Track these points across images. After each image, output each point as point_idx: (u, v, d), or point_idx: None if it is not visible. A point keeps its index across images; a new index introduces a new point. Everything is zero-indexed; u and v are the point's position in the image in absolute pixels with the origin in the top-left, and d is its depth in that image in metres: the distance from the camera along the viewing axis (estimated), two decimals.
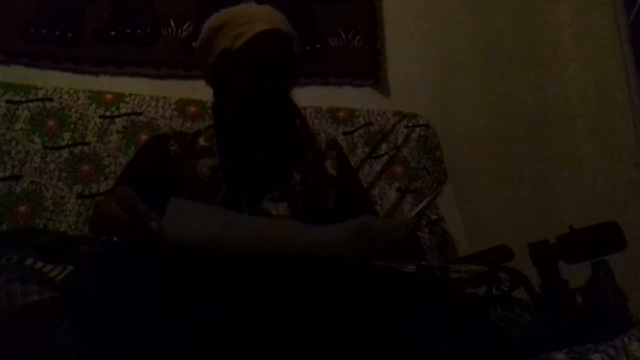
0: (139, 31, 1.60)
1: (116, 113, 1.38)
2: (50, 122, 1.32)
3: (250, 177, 1.02)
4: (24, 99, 1.33)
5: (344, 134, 1.52)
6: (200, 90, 1.53)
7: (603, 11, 1.91)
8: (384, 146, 1.53)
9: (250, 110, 1.00)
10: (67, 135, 1.31)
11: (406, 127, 1.57)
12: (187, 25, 1.63)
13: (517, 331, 0.64)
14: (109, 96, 1.41)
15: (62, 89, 1.39)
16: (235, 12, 1.04)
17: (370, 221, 0.80)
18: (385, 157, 1.51)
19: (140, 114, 1.40)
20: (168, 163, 1.04)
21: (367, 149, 1.50)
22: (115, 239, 0.64)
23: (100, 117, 1.36)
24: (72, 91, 1.39)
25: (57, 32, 1.53)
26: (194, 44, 1.60)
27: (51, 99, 1.35)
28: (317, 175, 1.07)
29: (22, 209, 1.21)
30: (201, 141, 1.07)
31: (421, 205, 0.91)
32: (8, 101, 1.31)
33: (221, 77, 1.05)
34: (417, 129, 1.57)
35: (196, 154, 1.05)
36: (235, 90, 1.03)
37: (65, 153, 1.29)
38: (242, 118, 1.02)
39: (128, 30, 1.59)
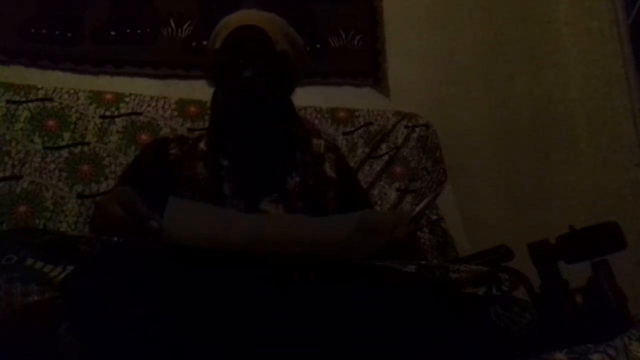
0: (139, 31, 1.60)
1: (116, 113, 1.38)
2: (50, 122, 1.31)
3: (247, 179, 1.02)
4: (24, 99, 1.33)
5: (344, 134, 1.52)
6: (200, 90, 1.54)
7: (603, 11, 1.91)
8: (384, 146, 1.53)
9: (234, 105, 1.02)
10: (67, 135, 1.31)
11: (406, 127, 1.57)
12: (187, 25, 1.63)
13: (517, 331, 0.64)
14: (109, 96, 1.40)
15: (62, 89, 1.38)
16: (230, 17, 1.08)
17: (370, 214, 0.80)
18: (385, 157, 1.51)
19: (140, 114, 1.39)
20: (168, 166, 1.05)
21: (367, 149, 1.50)
22: (115, 239, 0.64)
23: (100, 117, 1.36)
24: (72, 91, 1.39)
25: (57, 32, 1.53)
26: (193, 44, 1.62)
27: (51, 99, 1.35)
28: (316, 177, 1.08)
29: (22, 209, 1.21)
30: (202, 145, 1.08)
31: (421, 205, 0.91)
32: (8, 101, 1.31)
33: (213, 77, 1.10)
34: (417, 129, 1.57)
35: (196, 157, 1.06)
36: (222, 88, 1.07)
37: (65, 153, 1.29)
38: (229, 115, 1.04)
39: (128, 30, 1.59)
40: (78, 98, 1.38)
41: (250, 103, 1.00)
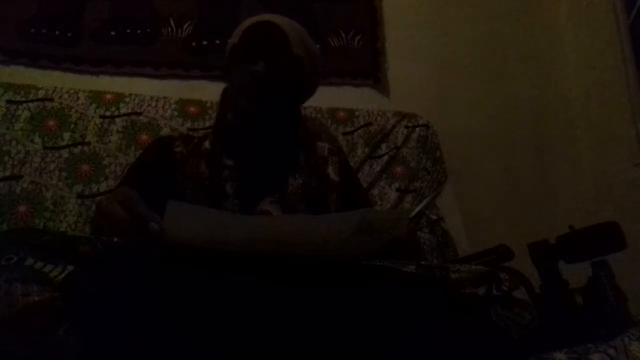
0: (138, 31, 1.60)
1: (116, 113, 1.38)
2: (50, 122, 1.31)
3: (250, 179, 1.02)
4: (24, 99, 1.33)
5: (344, 134, 1.52)
6: (200, 90, 1.54)
7: (603, 11, 1.91)
8: (384, 146, 1.53)
9: (241, 100, 1.02)
10: (67, 135, 1.31)
11: (406, 127, 1.57)
12: (187, 25, 1.63)
13: (517, 331, 0.63)
14: (109, 96, 1.41)
15: (62, 89, 1.38)
16: (253, 17, 1.08)
17: (370, 213, 0.80)
18: (385, 157, 1.51)
19: (140, 114, 1.39)
20: (172, 163, 1.05)
21: (367, 149, 1.50)
22: (116, 239, 0.63)
23: (100, 117, 1.36)
24: (72, 91, 1.39)
25: (57, 32, 1.53)
26: (193, 44, 1.62)
27: (51, 99, 1.35)
28: (319, 180, 1.08)
29: (22, 209, 1.21)
30: (207, 144, 1.08)
31: (421, 205, 0.91)
32: (8, 101, 1.31)
33: (226, 73, 1.09)
34: (417, 129, 1.57)
35: (201, 156, 1.06)
36: (232, 82, 1.06)
37: (65, 153, 1.29)
38: (236, 111, 1.04)
39: (128, 30, 1.59)
40: (78, 98, 1.38)
41: (259, 98, 1.00)
